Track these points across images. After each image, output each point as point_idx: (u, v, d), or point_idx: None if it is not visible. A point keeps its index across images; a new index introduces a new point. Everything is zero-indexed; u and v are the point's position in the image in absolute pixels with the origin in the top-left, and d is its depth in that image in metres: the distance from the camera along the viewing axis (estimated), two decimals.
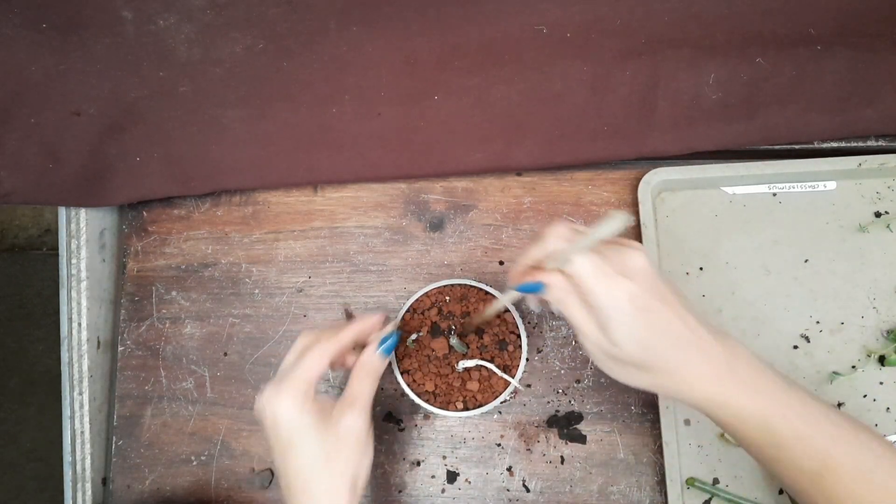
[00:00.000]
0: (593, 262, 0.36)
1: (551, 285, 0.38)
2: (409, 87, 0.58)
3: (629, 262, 0.37)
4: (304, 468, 0.41)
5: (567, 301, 0.38)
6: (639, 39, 0.56)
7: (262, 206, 0.62)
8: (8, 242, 1.49)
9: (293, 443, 0.41)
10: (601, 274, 0.36)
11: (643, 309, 0.36)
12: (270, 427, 0.42)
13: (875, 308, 0.54)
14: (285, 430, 0.41)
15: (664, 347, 0.37)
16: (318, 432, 0.41)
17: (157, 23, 0.57)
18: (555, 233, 0.38)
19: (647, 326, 0.37)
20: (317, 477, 0.41)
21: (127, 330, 0.61)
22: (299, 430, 0.41)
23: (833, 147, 0.57)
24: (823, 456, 0.36)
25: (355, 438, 0.42)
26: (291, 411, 0.41)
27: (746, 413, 0.37)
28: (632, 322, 0.36)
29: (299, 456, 0.41)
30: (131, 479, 0.58)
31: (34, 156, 0.57)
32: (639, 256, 0.37)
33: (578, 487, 0.54)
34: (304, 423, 0.41)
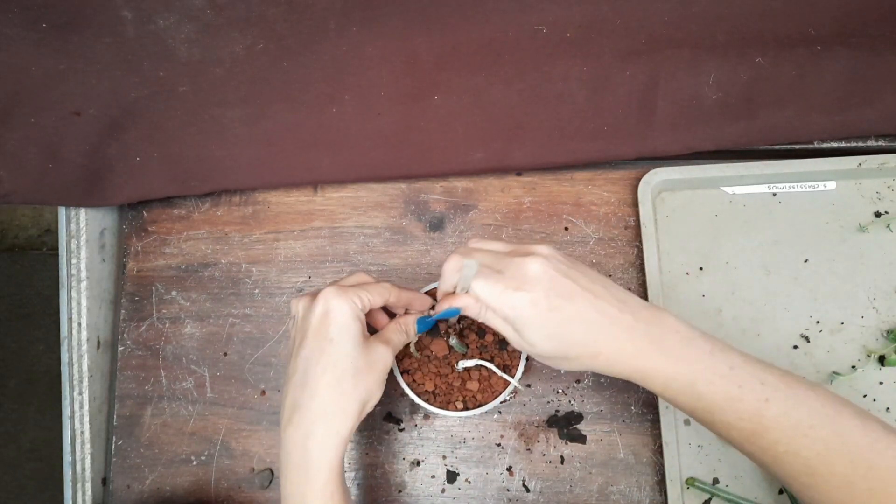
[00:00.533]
0: (487, 283, 0.40)
1: (465, 307, 0.42)
2: (409, 86, 0.58)
3: (525, 273, 0.40)
4: (334, 367, 0.41)
5: (484, 315, 0.42)
6: (639, 39, 0.56)
7: (262, 206, 0.62)
8: (8, 242, 1.49)
9: (335, 341, 0.42)
10: (497, 292, 0.40)
11: (548, 310, 0.39)
12: (318, 319, 0.42)
13: (875, 308, 0.54)
14: (335, 328, 0.42)
15: (577, 337, 0.40)
16: (359, 345, 0.43)
17: (157, 22, 0.57)
18: (449, 268, 0.43)
19: (553, 324, 0.40)
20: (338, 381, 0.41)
21: (127, 330, 0.61)
22: (346, 334, 0.42)
23: (833, 147, 0.57)
24: (756, 417, 0.38)
25: (381, 369, 0.44)
26: (348, 315, 0.42)
27: (671, 381, 0.40)
28: (537, 325, 0.40)
29: (335, 355, 0.42)
30: (131, 479, 0.58)
31: (34, 156, 0.57)
32: (534, 263, 0.40)
33: (578, 487, 0.54)
34: (353, 331, 0.42)
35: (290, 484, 0.41)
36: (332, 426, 0.41)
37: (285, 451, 0.42)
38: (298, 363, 0.42)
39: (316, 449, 0.41)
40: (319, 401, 0.41)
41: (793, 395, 0.38)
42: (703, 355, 0.40)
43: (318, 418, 0.41)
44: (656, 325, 0.41)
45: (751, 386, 0.38)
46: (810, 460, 0.37)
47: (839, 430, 0.37)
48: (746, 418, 0.38)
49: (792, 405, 0.38)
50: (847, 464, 0.36)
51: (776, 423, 0.38)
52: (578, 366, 0.42)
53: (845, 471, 0.36)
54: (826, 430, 0.37)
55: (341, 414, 0.41)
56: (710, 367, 0.39)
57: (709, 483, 0.52)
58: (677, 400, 0.40)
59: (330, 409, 0.41)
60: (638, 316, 0.41)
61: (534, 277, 0.40)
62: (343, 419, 0.41)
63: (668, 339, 0.40)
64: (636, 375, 0.41)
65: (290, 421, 0.41)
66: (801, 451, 0.37)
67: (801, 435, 0.37)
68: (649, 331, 0.40)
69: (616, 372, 0.41)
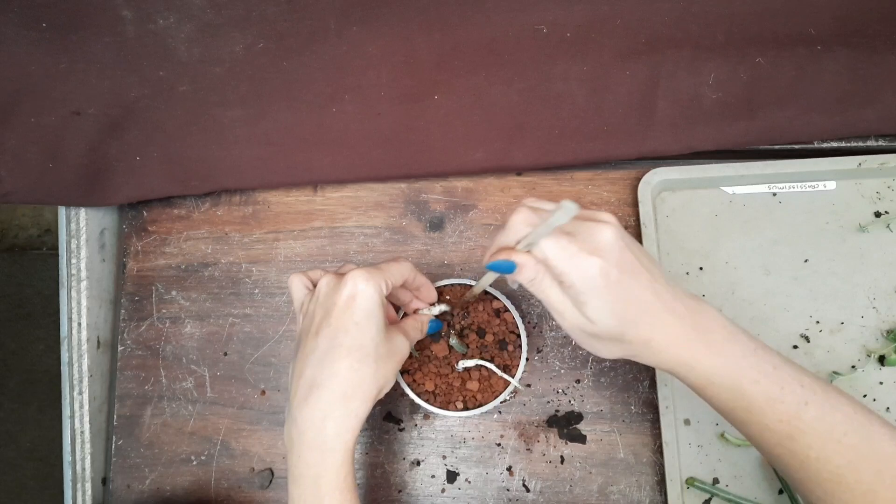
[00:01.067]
0: (559, 243, 0.37)
1: (523, 265, 0.38)
2: (409, 86, 0.58)
3: (598, 238, 0.37)
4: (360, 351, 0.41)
5: (540, 282, 0.39)
6: (639, 39, 0.56)
7: (262, 206, 0.62)
8: (8, 242, 1.49)
9: (361, 325, 0.41)
10: (568, 254, 0.37)
11: (614, 283, 0.37)
12: (345, 300, 0.41)
13: (875, 308, 0.54)
14: (361, 312, 0.41)
15: (636, 318, 0.38)
16: (382, 332, 0.42)
17: (157, 22, 0.57)
18: (519, 219, 0.39)
19: (619, 300, 0.37)
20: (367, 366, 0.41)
21: (127, 329, 0.61)
22: (372, 319, 0.41)
23: (833, 147, 0.57)
24: (793, 419, 0.37)
25: (399, 359, 0.44)
26: (375, 300, 0.41)
27: (716, 375, 0.38)
28: (605, 297, 0.37)
29: (361, 339, 0.41)
30: (131, 478, 0.58)
31: (34, 155, 0.57)
32: (607, 231, 0.37)
33: (578, 487, 0.54)
34: (378, 317, 0.42)
35: (303, 464, 0.40)
36: (351, 408, 0.40)
37: (299, 430, 0.40)
38: (319, 341, 0.41)
39: (333, 430, 0.40)
40: (340, 382, 0.40)
41: (828, 400, 0.38)
42: (748, 352, 0.38)
43: (338, 399, 0.40)
44: (702, 317, 0.39)
45: (791, 388, 0.38)
46: (840, 468, 0.36)
47: (870, 438, 0.37)
48: (785, 420, 0.37)
49: (828, 410, 0.37)
50: (874, 472, 0.36)
51: (811, 427, 0.37)
52: (623, 351, 0.40)
53: (871, 479, 0.36)
54: (857, 437, 0.37)
55: (361, 397, 0.40)
56: (755, 364, 0.38)
57: (709, 483, 0.52)
58: (719, 397, 0.39)
59: (350, 392, 0.40)
60: (687, 305, 0.39)
61: (606, 245, 0.37)
62: (361, 402, 0.40)
63: (714, 333, 0.39)
64: (680, 367, 0.39)
65: (307, 399, 0.40)
66: (832, 458, 0.37)
67: (834, 441, 0.37)
68: (697, 321, 0.38)
69: (660, 361, 0.39)
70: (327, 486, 0.40)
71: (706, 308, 0.40)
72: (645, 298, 0.38)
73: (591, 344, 0.40)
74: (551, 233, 0.37)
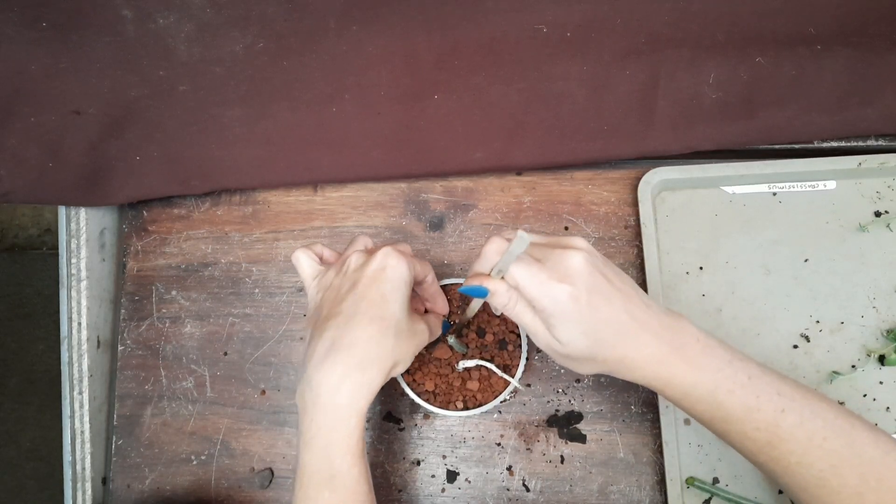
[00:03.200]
0: (530, 270, 0.38)
1: (495, 291, 0.40)
2: (409, 86, 0.58)
3: (567, 265, 0.38)
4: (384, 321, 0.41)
5: (513, 307, 0.40)
6: (639, 39, 0.56)
7: (262, 206, 0.62)
8: (8, 242, 1.49)
9: (387, 298, 0.42)
10: (538, 281, 0.38)
11: (587, 306, 0.38)
12: (374, 271, 0.42)
13: (875, 308, 0.54)
14: (390, 284, 0.42)
15: (609, 339, 0.39)
16: (406, 309, 0.43)
17: (157, 21, 0.57)
18: (491, 248, 0.41)
19: (589, 323, 0.38)
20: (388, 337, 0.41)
21: (127, 329, 0.61)
22: (399, 294, 0.42)
23: (833, 146, 0.57)
24: (771, 426, 0.38)
25: (419, 342, 0.45)
26: (404, 277, 0.42)
27: (693, 388, 0.39)
28: (574, 320, 0.38)
29: (386, 310, 0.41)
30: (131, 478, 0.58)
31: (34, 155, 0.57)
32: (576, 257, 0.39)
33: (578, 487, 0.54)
34: (404, 294, 0.43)
35: (315, 427, 0.40)
36: (367, 376, 0.40)
37: (314, 392, 0.40)
38: (344, 307, 0.41)
39: (348, 395, 0.40)
40: (361, 348, 0.40)
41: (808, 406, 0.38)
42: (724, 364, 0.39)
43: (356, 365, 0.40)
44: (678, 332, 0.40)
45: (768, 396, 0.38)
46: (823, 472, 0.37)
47: (851, 443, 0.37)
48: (763, 428, 0.38)
49: (807, 416, 0.38)
50: (858, 476, 0.37)
51: (791, 433, 0.38)
52: (599, 368, 0.41)
53: (856, 483, 0.36)
54: (839, 441, 0.37)
55: (378, 367, 0.41)
56: (730, 376, 0.39)
57: (709, 482, 0.52)
58: (696, 408, 0.40)
59: (368, 359, 0.40)
60: (662, 322, 0.40)
61: (576, 271, 0.38)
62: (378, 372, 0.41)
63: (689, 347, 0.40)
64: (657, 383, 0.40)
65: (324, 360, 0.40)
66: (815, 463, 0.37)
67: (815, 446, 0.37)
68: (672, 338, 0.40)
69: (636, 378, 0.40)
70: (338, 450, 0.40)
71: (682, 323, 0.41)
72: (619, 319, 0.39)
73: (565, 363, 0.42)
74: (522, 260, 0.39)
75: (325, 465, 0.40)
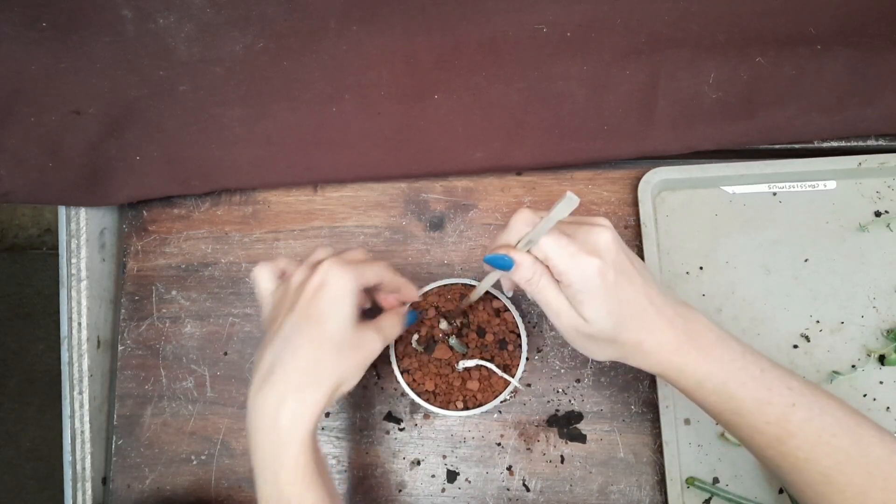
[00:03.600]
0: (559, 242, 0.38)
1: (520, 263, 0.39)
2: (409, 86, 0.58)
3: (596, 240, 0.38)
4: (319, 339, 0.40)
5: (537, 282, 0.39)
6: (639, 39, 0.56)
7: (262, 206, 0.62)
8: (8, 242, 1.49)
9: (324, 314, 0.40)
10: (568, 253, 0.37)
11: (611, 284, 0.38)
12: (313, 289, 0.40)
13: (875, 307, 0.54)
14: (326, 301, 0.40)
15: (630, 320, 0.39)
16: (348, 323, 0.41)
17: (157, 21, 0.57)
18: (520, 219, 0.40)
19: (615, 301, 0.38)
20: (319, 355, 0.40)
21: (127, 329, 0.61)
22: (338, 308, 0.40)
23: (833, 146, 0.57)
24: (782, 421, 0.38)
25: (367, 354, 0.42)
26: (343, 290, 0.40)
27: (706, 379, 0.39)
28: (602, 297, 0.38)
29: (321, 328, 0.40)
30: (131, 478, 0.58)
31: (34, 155, 0.57)
32: (605, 233, 0.38)
33: (578, 487, 0.54)
34: (345, 307, 0.41)
35: (260, 452, 0.39)
36: (306, 397, 0.39)
37: (255, 417, 0.39)
38: (282, 330, 0.40)
39: (288, 420, 0.39)
40: (297, 369, 0.39)
41: (817, 403, 0.38)
42: (737, 356, 0.39)
43: (293, 388, 0.39)
44: (692, 322, 0.40)
45: (779, 390, 0.38)
46: (829, 469, 0.37)
47: (859, 440, 0.37)
48: (773, 422, 0.38)
49: (817, 412, 0.38)
50: (864, 474, 0.37)
51: (800, 428, 0.38)
52: (616, 353, 0.40)
53: (862, 481, 0.36)
54: (847, 439, 0.37)
55: (316, 387, 0.39)
56: (743, 368, 0.39)
57: (709, 482, 0.52)
58: (708, 400, 0.40)
59: (305, 381, 0.39)
60: (677, 310, 0.40)
61: (605, 247, 0.38)
62: (318, 392, 0.39)
63: (703, 337, 0.40)
64: (670, 371, 0.40)
65: (262, 387, 0.39)
66: (822, 460, 0.37)
67: (823, 443, 0.37)
68: (686, 326, 0.40)
69: (651, 364, 0.40)
70: (286, 479, 0.39)
71: (696, 314, 0.41)
72: (638, 301, 0.39)
73: (584, 345, 0.41)
74: (551, 232, 0.37)
75: (276, 495, 0.39)
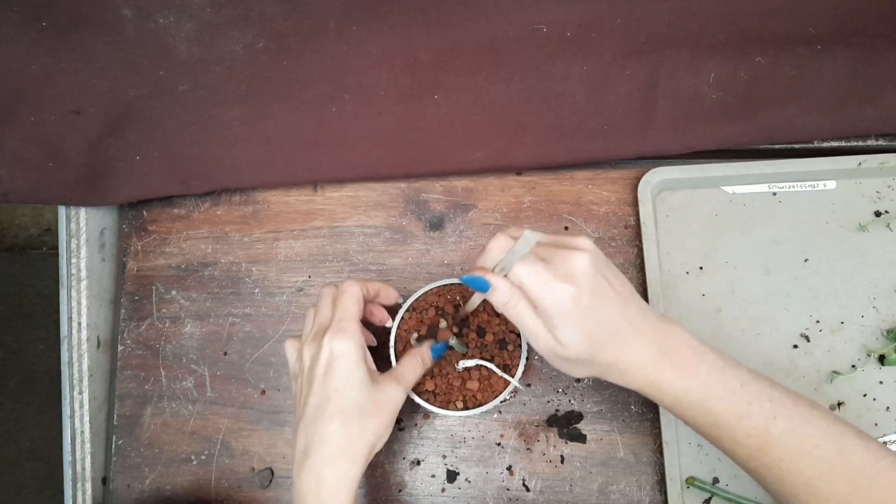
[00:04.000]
0: (534, 269, 0.38)
1: (496, 287, 0.40)
2: (409, 86, 0.58)
3: (573, 265, 0.38)
4: (342, 414, 0.42)
5: (514, 305, 0.40)
6: (639, 38, 0.56)
7: (262, 206, 0.62)
8: (8, 242, 1.49)
9: (340, 389, 0.42)
10: (542, 280, 0.38)
11: (585, 308, 0.38)
12: (323, 366, 0.43)
13: (875, 307, 0.54)
14: (339, 376, 0.42)
15: (605, 341, 0.39)
16: (367, 389, 0.43)
17: (157, 21, 0.57)
18: (496, 245, 0.41)
19: (590, 324, 0.39)
20: (347, 428, 0.42)
21: (127, 329, 0.61)
22: (352, 380, 0.43)
23: (833, 146, 0.57)
24: (762, 433, 0.38)
25: (392, 409, 0.45)
26: (354, 360, 0.43)
27: (684, 395, 0.39)
28: (576, 322, 0.38)
29: (342, 402, 0.42)
30: (131, 478, 0.58)
31: (34, 154, 0.57)
32: (581, 258, 0.39)
33: (578, 487, 0.54)
34: (361, 375, 0.43)
35: None
36: (342, 470, 0.42)
37: (299, 496, 0.42)
38: (307, 410, 0.43)
39: (328, 493, 0.41)
40: (328, 446, 0.42)
41: (798, 413, 0.38)
42: (715, 371, 0.40)
43: (328, 463, 0.42)
44: (669, 337, 0.40)
45: (759, 403, 0.39)
46: (813, 479, 0.37)
47: (842, 449, 0.37)
48: (754, 435, 0.38)
49: (798, 423, 0.38)
50: (848, 483, 0.37)
51: (782, 440, 0.38)
52: (594, 372, 0.41)
53: (846, 490, 0.37)
54: (830, 448, 0.37)
55: (350, 459, 0.42)
56: (721, 382, 0.39)
57: (709, 482, 0.52)
58: (686, 415, 0.40)
59: (339, 455, 0.42)
60: (655, 327, 0.40)
61: (580, 273, 0.38)
62: (352, 463, 0.42)
63: (680, 353, 0.40)
64: (648, 388, 0.40)
65: (302, 466, 0.42)
66: (805, 470, 0.37)
67: (805, 453, 0.37)
68: (664, 342, 0.40)
69: (629, 382, 0.41)
70: None
71: (675, 329, 0.41)
72: (614, 322, 0.39)
73: (561, 365, 0.42)
74: (526, 259, 0.38)
75: None
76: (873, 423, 0.52)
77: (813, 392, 0.53)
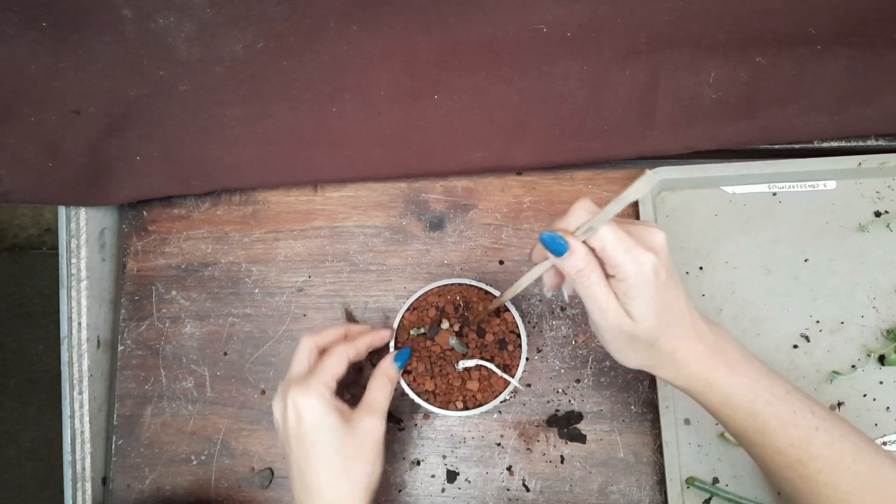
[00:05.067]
0: (618, 234, 0.36)
1: (574, 250, 0.37)
2: (409, 86, 0.58)
3: (652, 238, 0.37)
4: (325, 468, 0.42)
5: (588, 274, 0.37)
6: (639, 39, 0.56)
7: (262, 206, 0.62)
8: (8, 242, 1.49)
9: (316, 442, 0.42)
10: (625, 246, 0.36)
11: (662, 284, 0.37)
12: (293, 425, 0.43)
13: (875, 307, 0.54)
14: (310, 429, 0.42)
15: (670, 326, 0.38)
16: (342, 434, 0.43)
17: (157, 21, 0.57)
18: (581, 206, 0.38)
19: (662, 301, 0.37)
20: (335, 479, 0.42)
21: (127, 329, 0.61)
22: (325, 430, 0.43)
23: (833, 146, 0.57)
24: (804, 443, 0.38)
25: (374, 443, 0.44)
26: (319, 410, 0.42)
27: (733, 394, 0.39)
28: (652, 295, 0.37)
29: (321, 455, 0.42)
30: (131, 478, 0.58)
31: (34, 154, 0.57)
32: (660, 234, 0.38)
33: (578, 487, 0.54)
34: (330, 423, 0.43)
35: None
36: None
37: None
38: (293, 469, 0.44)
39: None
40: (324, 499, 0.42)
41: (836, 428, 0.39)
42: (762, 375, 0.40)
43: None
44: (720, 338, 0.40)
45: (802, 413, 0.39)
46: (849, 494, 0.37)
47: (877, 466, 0.38)
48: (797, 444, 0.38)
49: (837, 437, 0.38)
50: (879, 499, 0.37)
51: (822, 453, 0.38)
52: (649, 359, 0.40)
53: None
54: (865, 465, 0.38)
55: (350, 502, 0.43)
56: (769, 386, 0.39)
57: (709, 482, 0.52)
58: (734, 417, 0.40)
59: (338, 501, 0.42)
60: (708, 324, 0.40)
61: (660, 246, 0.37)
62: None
63: (730, 353, 0.40)
64: (698, 384, 0.40)
65: None
66: (841, 485, 0.38)
67: (843, 468, 0.38)
68: (716, 342, 0.40)
69: (680, 376, 0.40)
70: None
71: (723, 330, 0.41)
72: (680, 307, 0.39)
73: (622, 347, 0.40)
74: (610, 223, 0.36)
75: None
76: (873, 423, 0.52)
77: (813, 392, 0.53)
